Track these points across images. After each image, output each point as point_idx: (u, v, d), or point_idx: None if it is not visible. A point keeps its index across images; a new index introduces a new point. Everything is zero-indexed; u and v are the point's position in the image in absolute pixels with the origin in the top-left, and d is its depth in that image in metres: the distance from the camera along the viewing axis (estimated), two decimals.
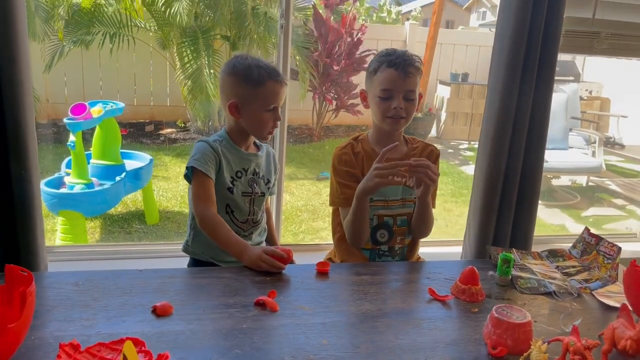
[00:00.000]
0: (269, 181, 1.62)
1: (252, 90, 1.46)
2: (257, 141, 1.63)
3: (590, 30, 1.99)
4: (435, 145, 1.73)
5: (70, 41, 5.12)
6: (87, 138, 3.48)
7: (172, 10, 5.12)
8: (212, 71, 5.21)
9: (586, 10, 1.97)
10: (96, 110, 3.32)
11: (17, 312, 0.89)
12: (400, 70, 1.52)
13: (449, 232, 3.92)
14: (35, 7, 4.70)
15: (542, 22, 1.77)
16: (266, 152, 1.64)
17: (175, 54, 5.78)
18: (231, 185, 1.51)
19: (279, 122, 1.53)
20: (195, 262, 1.60)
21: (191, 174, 1.45)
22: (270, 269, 1.31)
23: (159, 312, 1.08)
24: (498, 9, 1.83)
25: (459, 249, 2.21)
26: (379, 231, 1.61)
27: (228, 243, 1.38)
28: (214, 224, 1.40)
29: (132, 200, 4.10)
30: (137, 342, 0.90)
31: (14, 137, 1.54)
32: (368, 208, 1.52)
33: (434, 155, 1.66)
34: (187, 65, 5.27)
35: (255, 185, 1.56)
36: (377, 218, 1.60)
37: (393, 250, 1.64)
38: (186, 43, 5.29)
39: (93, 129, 3.50)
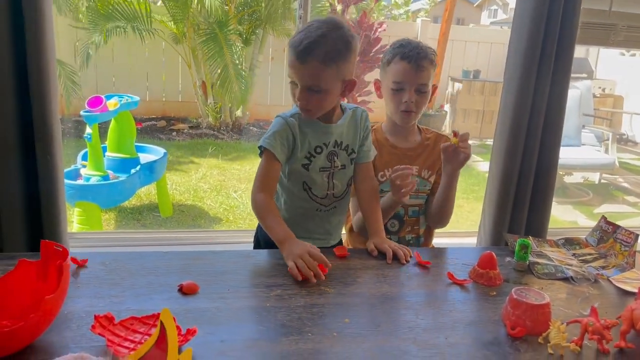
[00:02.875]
0: (352, 151, 1.46)
1: (288, 52, 1.33)
2: (342, 104, 1.47)
3: (606, 22, 2.00)
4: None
5: (96, 32, 5.22)
6: (101, 132, 3.53)
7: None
8: (239, 65, 5.31)
9: (603, 2, 1.98)
10: (112, 104, 3.37)
11: (52, 286, 0.92)
12: (412, 63, 1.52)
13: (460, 228, 3.93)
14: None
15: (559, 13, 1.79)
16: (352, 114, 1.47)
17: (189, 50, 5.84)
18: (308, 162, 1.40)
19: (302, 102, 1.33)
20: (268, 236, 1.41)
21: (262, 150, 1.36)
22: (306, 272, 1.18)
23: (185, 291, 1.11)
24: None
25: (473, 240, 2.23)
26: (390, 221, 1.63)
27: (272, 229, 1.30)
28: (262, 209, 1.32)
29: (146, 193, 4.15)
30: None
31: (40, 125, 1.58)
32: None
33: None
34: (213, 63, 5.37)
35: (335, 158, 1.43)
36: None
37: (404, 240, 1.65)
38: (208, 41, 5.35)
39: (108, 122, 3.54)
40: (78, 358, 0.80)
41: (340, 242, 1.59)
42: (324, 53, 1.27)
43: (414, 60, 1.51)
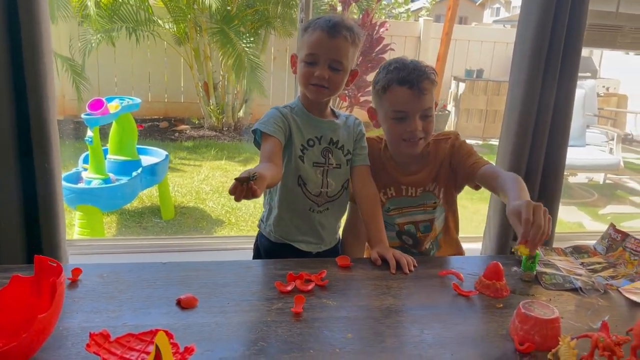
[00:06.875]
0: (349, 152, 1.46)
1: (300, 39, 1.41)
2: (335, 110, 1.50)
3: (613, 24, 1.96)
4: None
5: (97, 35, 5.19)
6: (103, 134, 3.51)
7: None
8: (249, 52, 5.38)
9: (610, 4, 1.94)
10: (113, 106, 3.35)
11: (46, 302, 0.90)
12: (414, 89, 1.38)
13: (464, 229, 3.87)
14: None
15: (566, 14, 1.75)
16: (346, 120, 1.49)
17: (191, 51, 5.82)
18: (302, 154, 1.40)
19: (324, 80, 1.33)
20: (267, 242, 1.50)
21: (260, 139, 1.35)
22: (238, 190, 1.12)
23: (184, 305, 1.08)
24: (521, 0, 1.81)
25: (477, 246, 2.19)
26: (402, 236, 1.58)
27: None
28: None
29: (148, 195, 4.13)
30: (166, 334, 0.90)
31: (37, 131, 1.56)
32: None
33: (449, 144, 1.52)
34: (227, 55, 5.42)
35: (329, 155, 1.43)
36: (397, 226, 1.56)
37: (427, 252, 1.59)
38: (216, 34, 5.39)
39: (109, 125, 3.52)
40: None
41: (333, 249, 1.55)
42: (350, 32, 1.35)
43: (415, 84, 1.38)
